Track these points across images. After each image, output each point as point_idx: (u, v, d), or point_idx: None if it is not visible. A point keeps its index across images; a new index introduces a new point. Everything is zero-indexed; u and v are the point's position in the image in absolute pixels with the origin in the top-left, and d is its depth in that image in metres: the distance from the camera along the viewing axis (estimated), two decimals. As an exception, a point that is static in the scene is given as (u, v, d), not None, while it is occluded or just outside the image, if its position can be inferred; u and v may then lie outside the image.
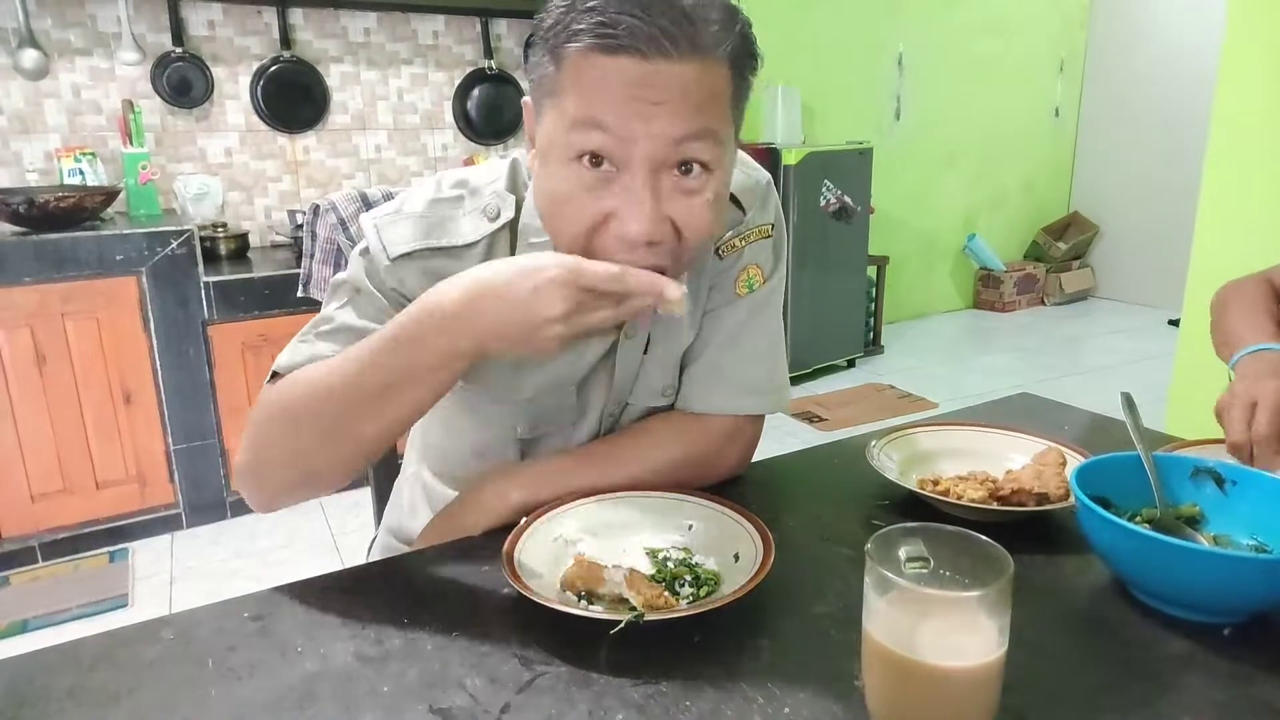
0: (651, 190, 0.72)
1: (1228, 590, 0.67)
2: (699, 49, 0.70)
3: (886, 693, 0.57)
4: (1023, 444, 0.98)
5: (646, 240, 0.72)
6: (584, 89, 0.70)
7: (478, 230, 0.86)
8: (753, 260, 0.96)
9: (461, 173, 0.90)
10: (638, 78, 0.69)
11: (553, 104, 0.74)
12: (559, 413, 0.95)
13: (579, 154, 0.72)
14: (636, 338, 0.93)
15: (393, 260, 0.84)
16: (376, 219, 0.86)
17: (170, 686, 0.64)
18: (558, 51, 0.72)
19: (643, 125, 0.70)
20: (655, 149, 0.71)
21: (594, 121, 0.70)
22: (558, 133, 0.73)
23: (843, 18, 4.35)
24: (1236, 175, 2.49)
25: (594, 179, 0.73)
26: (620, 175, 0.72)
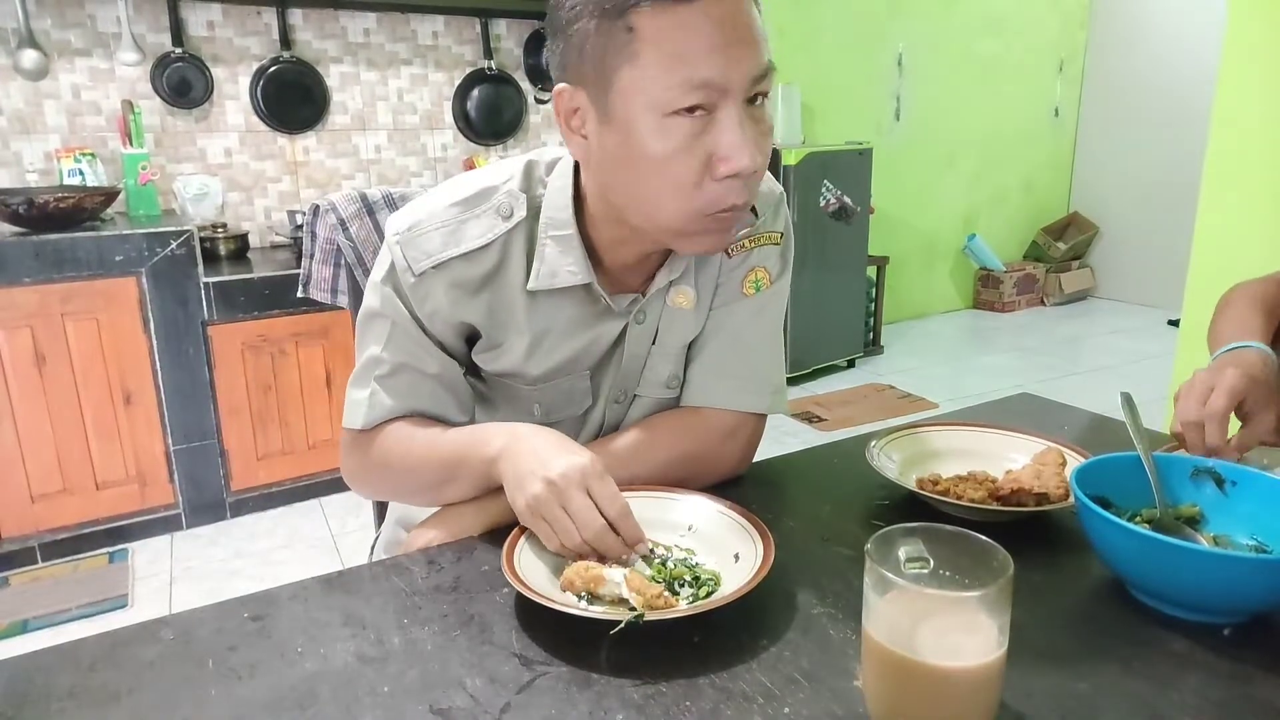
0: (749, 124, 0.76)
1: (1228, 590, 0.67)
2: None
3: (886, 693, 0.57)
4: (1023, 444, 0.98)
5: (755, 170, 0.76)
6: (674, 42, 0.72)
7: (492, 231, 0.88)
8: (760, 263, 0.98)
9: (474, 175, 0.92)
10: (721, 18, 0.72)
11: (629, 70, 0.74)
12: (573, 396, 0.97)
13: (680, 108, 0.74)
14: (645, 324, 0.95)
15: (419, 276, 0.87)
16: (399, 235, 0.88)
17: (170, 686, 0.64)
18: (624, 16, 0.72)
19: (735, 67, 0.73)
20: (745, 86, 0.75)
21: (695, 75, 0.72)
22: (647, 94, 0.74)
23: (843, 18, 4.35)
24: (1236, 175, 2.49)
25: (694, 126, 0.75)
26: (715, 117, 0.75)
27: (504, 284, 0.89)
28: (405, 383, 0.92)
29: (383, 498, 1.03)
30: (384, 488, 0.99)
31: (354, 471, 0.98)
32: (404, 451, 0.91)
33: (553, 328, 0.92)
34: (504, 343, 0.92)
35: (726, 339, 0.98)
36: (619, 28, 0.73)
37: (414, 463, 0.90)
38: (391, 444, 0.92)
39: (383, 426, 0.92)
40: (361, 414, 0.92)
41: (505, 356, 0.93)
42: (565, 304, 0.91)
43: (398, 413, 0.92)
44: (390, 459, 0.92)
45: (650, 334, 0.96)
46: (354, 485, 1.00)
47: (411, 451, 0.91)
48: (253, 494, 2.68)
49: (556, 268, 0.88)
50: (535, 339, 0.92)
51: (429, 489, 0.92)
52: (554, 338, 0.92)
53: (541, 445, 0.80)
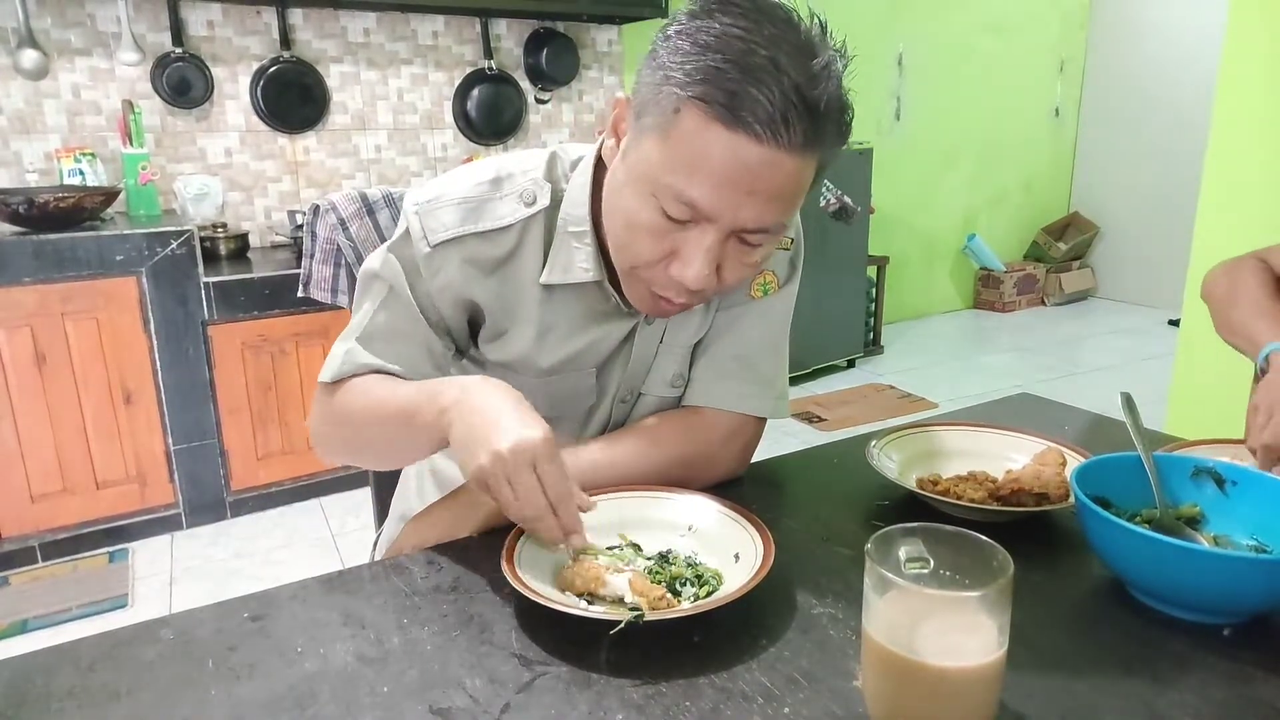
0: (716, 252, 0.77)
1: (1228, 590, 0.67)
2: (809, 144, 0.72)
3: (886, 693, 0.57)
4: (1023, 444, 0.98)
5: (699, 289, 0.78)
6: (692, 155, 0.72)
7: (514, 214, 0.88)
8: (769, 266, 0.98)
9: (499, 160, 0.92)
10: (745, 164, 0.71)
11: (658, 138, 0.74)
12: (578, 393, 0.97)
13: (665, 203, 0.75)
14: (655, 325, 0.96)
15: (434, 247, 0.87)
16: (419, 205, 0.89)
17: (170, 686, 0.64)
18: (679, 95, 0.71)
19: (731, 209, 0.73)
20: (735, 227, 0.75)
21: (687, 195, 0.73)
22: (654, 170, 0.75)
23: (843, 18, 4.30)
24: (1236, 175, 2.49)
25: (669, 225, 0.77)
26: (693, 228, 0.76)
27: (517, 271, 0.90)
28: (386, 345, 0.90)
29: (343, 457, 0.98)
30: (343, 445, 0.96)
31: (317, 428, 0.95)
32: (363, 404, 0.88)
33: (561, 322, 0.92)
34: (509, 331, 0.93)
35: (731, 341, 0.98)
36: (671, 98, 0.72)
37: (371, 415, 0.87)
38: (353, 395, 0.89)
39: (349, 380, 0.90)
40: (334, 367, 0.91)
41: (510, 346, 0.93)
42: (576, 300, 0.92)
43: (369, 370, 0.90)
44: (350, 411, 0.89)
45: (658, 334, 0.97)
46: (315, 444, 0.97)
47: (369, 402, 0.88)
48: (253, 494, 2.68)
49: (570, 263, 0.89)
50: (542, 332, 0.92)
51: (385, 444, 0.90)
52: (561, 332, 0.93)
53: (494, 408, 0.76)
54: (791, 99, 0.68)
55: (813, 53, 0.70)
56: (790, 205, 0.76)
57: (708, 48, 0.70)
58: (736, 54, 0.69)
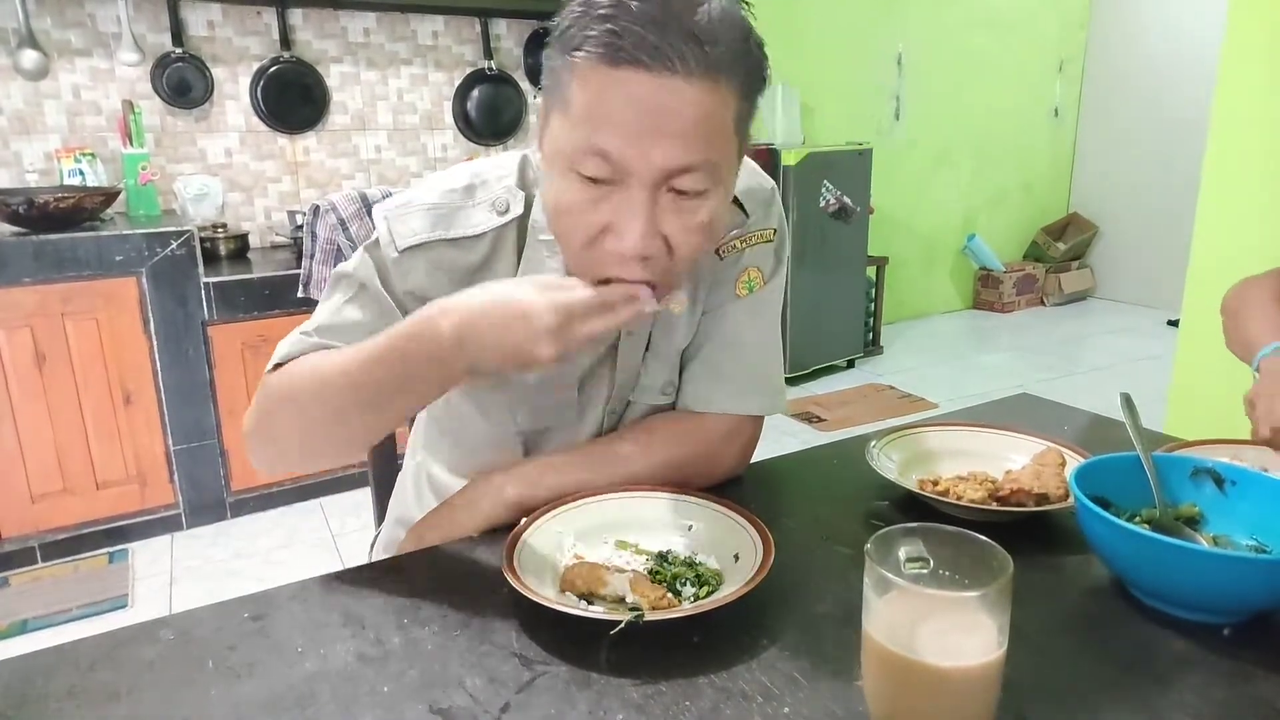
0: (647, 209, 0.72)
1: (1228, 590, 0.67)
2: (709, 69, 0.69)
3: (886, 693, 0.57)
4: (1022, 444, 0.98)
5: (639, 255, 0.73)
6: (588, 104, 0.70)
7: (486, 223, 0.87)
8: (753, 263, 0.96)
9: (473, 165, 0.91)
10: (640, 98, 0.68)
11: (560, 112, 0.73)
12: (560, 409, 0.95)
13: (581, 168, 0.72)
14: (637, 335, 0.94)
15: (401, 252, 0.85)
16: (388, 211, 0.87)
17: (170, 686, 0.64)
18: (567, 58, 0.71)
19: (642, 153, 0.70)
20: (654, 174, 0.71)
21: (593, 146, 0.70)
22: (562, 143, 0.73)
23: (842, 18, 4.35)
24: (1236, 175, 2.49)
25: (593, 193, 0.73)
26: (617, 190, 0.72)
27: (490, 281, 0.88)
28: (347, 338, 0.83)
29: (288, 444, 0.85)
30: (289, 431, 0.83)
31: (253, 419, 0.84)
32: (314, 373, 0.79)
33: None
34: None
35: (721, 342, 0.97)
36: (562, 66, 0.72)
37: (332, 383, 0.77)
38: (299, 368, 0.81)
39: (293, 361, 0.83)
40: (280, 353, 0.84)
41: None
42: None
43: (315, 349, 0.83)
44: (297, 385, 0.80)
45: (643, 342, 0.95)
46: (250, 440, 0.86)
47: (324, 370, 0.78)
48: (253, 494, 2.68)
49: (543, 270, 0.87)
50: None
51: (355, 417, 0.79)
52: None
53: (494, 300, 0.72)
54: (674, 26, 0.67)
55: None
56: (710, 140, 0.71)
57: (586, 10, 0.70)
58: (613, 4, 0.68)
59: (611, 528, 0.83)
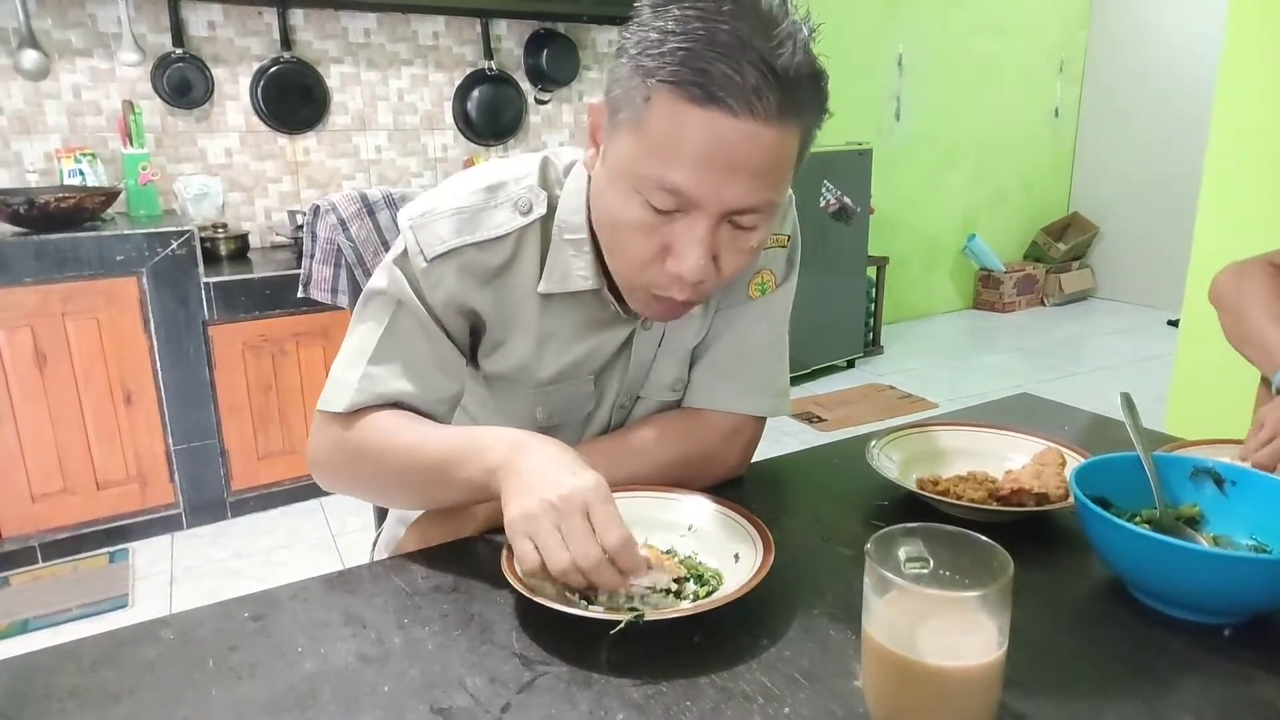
0: (709, 240, 0.75)
1: (1228, 590, 0.67)
2: (787, 114, 0.70)
3: (886, 693, 0.57)
4: (1023, 444, 0.98)
5: (697, 281, 0.76)
6: (666, 137, 0.71)
7: (509, 223, 0.87)
8: (766, 265, 0.98)
9: (492, 167, 0.91)
10: (722, 140, 0.69)
11: (632, 131, 0.73)
12: (576, 400, 0.97)
13: (650, 197, 0.73)
14: (653, 330, 0.95)
15: (430, 261, 0.85)
16: (413, 220, 0.87)
17: (170, 686, 0.64)
18: (648, 83, 0.71)
19: (715, 192, 0.72)
20: (722, 211, 0.73)
21: (669, 182, 0.72)
22: (631, 164, 0.74)
23: (843, 18, 4.35)
24: (1236, 175, 2.49)
25: (657, 218, 0.75)
26: (681, 218, 0.74)
27: (514, 281, 0.89)
28: (400, 369, 0.86)
29: (352, 492, 0.93)
30: (357, 481, 0.90)
31: (325, 459, 0.89)
32: (387, 444, 0.84)
33: (560, 331, 0.91)
34: (507, 342, 0.92)
35: (730, 341, 0.98)
36: (640, 87, 0.72)
37: (399, 459, 0.83)
38: (373, 433, 0.85)
39: (365, 413, 0.86)
40: (347, 397, 0.86)
41: (508, 357, 0.92)
42: (574, 308, 0.91)
43: (386, 399, 0.86)
44: (370, 449, 0.85)
45: (657, 338, 0.96)
46: (321, 474, 0.91)
47: (397, 445, 0.83)
48: (253, 494, 2.68)
49: (568, 271, 0.88)
50: (541, 341, 0.91)
51: (412, 489, 0.86)
52: (560, 341, 0.92)
53: (548, 462, 0.73)
54: (760, 68, 0.68)
55: (775, 22, 0.70)
56: (776, 181, 0.74)
57: (670, 33, 0.70)
58: (698, 33, 0.69)
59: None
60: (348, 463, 0.88)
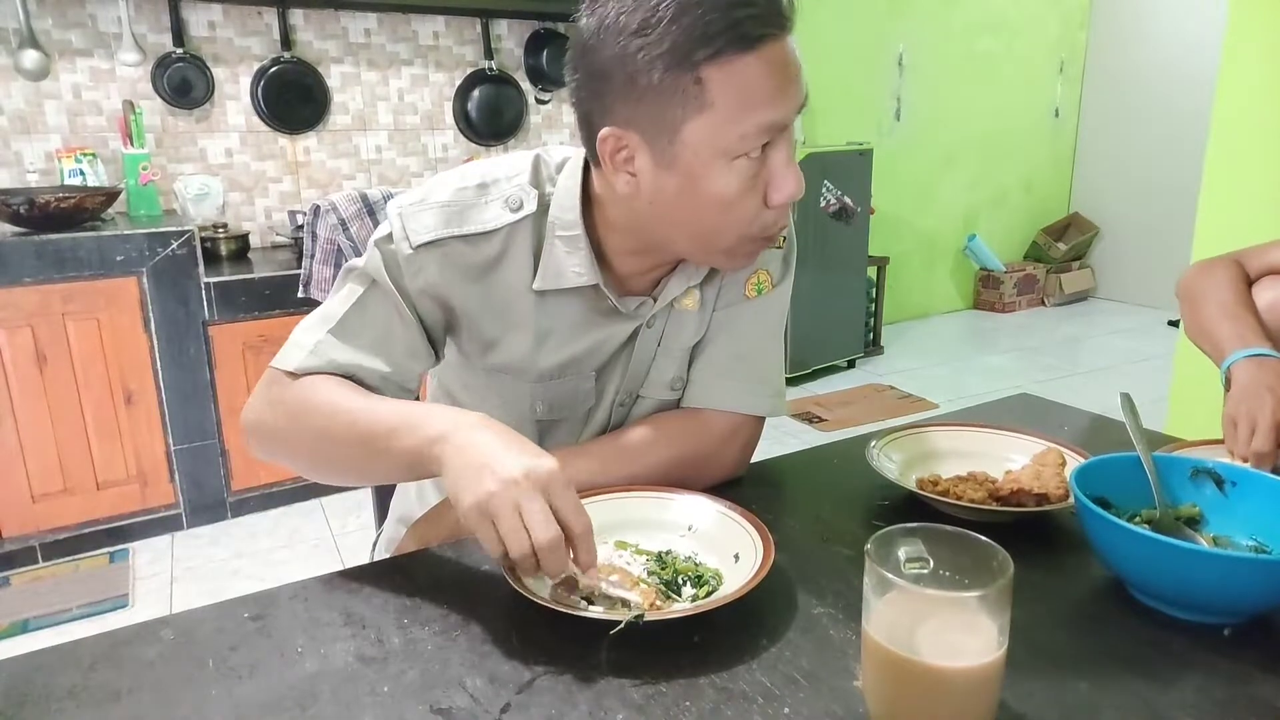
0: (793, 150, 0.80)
1: (1228, 590, 0.67)
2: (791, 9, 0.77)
3: (886, 693, 0.57)
4: (1022, 444, 0.98)
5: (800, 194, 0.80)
6: (744, 92, 0.74)
7: (498, 220, 0.87)
8: (763, 266, 0.98)
9: (484, 164, 0.91)
10: (780, 61, 0.75)
11: (697, 116, 0.75)
12: (576, 396, 0.97)
13: (752, 149, 0.77)
14: (655, 328, 0.96)
15: (415, 249, 0.86)
16: (402, 207, 0.88)
17: (170, 686, 0.64)
18: (694, 70, 0.73)
19: (793, 104, 0.77)
20: (794, 119, 0.79)
21: (768, 121, 0.75)
22: (717, 140, 0.76)
23: (843, 18, 4.34)
24: (1237, 175, 2.49)
25: (754, 165, 0.78)
26: (769, 150, 0.78)
27: (504, 278, 0.89)
28: (359, 344, 0.86)
29: (283, 455, 0.88)
30: (289, 443, 0.86)
31: (261, 418, 0.87)
32: (328, 406, 0.81)
33: (558, 327, 0.92)
34: (502, 338, 0.92)
35: (728, 341, 0.98)
36: (687, 80, 0.73)
37: (338, 422, 0.81)
38: (315, 394, 0.83)
39: (312, 376, 0.85)
40: (299, 357, 0.85)
41: (506, 352, 0.93)
42: (572, 304, 0.91)
43: (337, 369, 0.85)
44: (309, 409, 0.82)
45: (658, 337, 0.97)
46: (256, 434, 0.88)
47: (338, 409, 0.81)
48: (253, 494, 2.68)
49: (563, 267, 0.88)
50: (540, 337, 0.92)
51: (346, 457, 0.83)
52: (559, 337, 0.92)
53: (496, 440, 0.71)
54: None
55: None
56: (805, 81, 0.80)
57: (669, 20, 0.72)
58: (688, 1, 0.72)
59: (611, 528, 0.83)
60: (284, 422, 0.85)
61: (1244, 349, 1.07)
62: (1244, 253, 1.25)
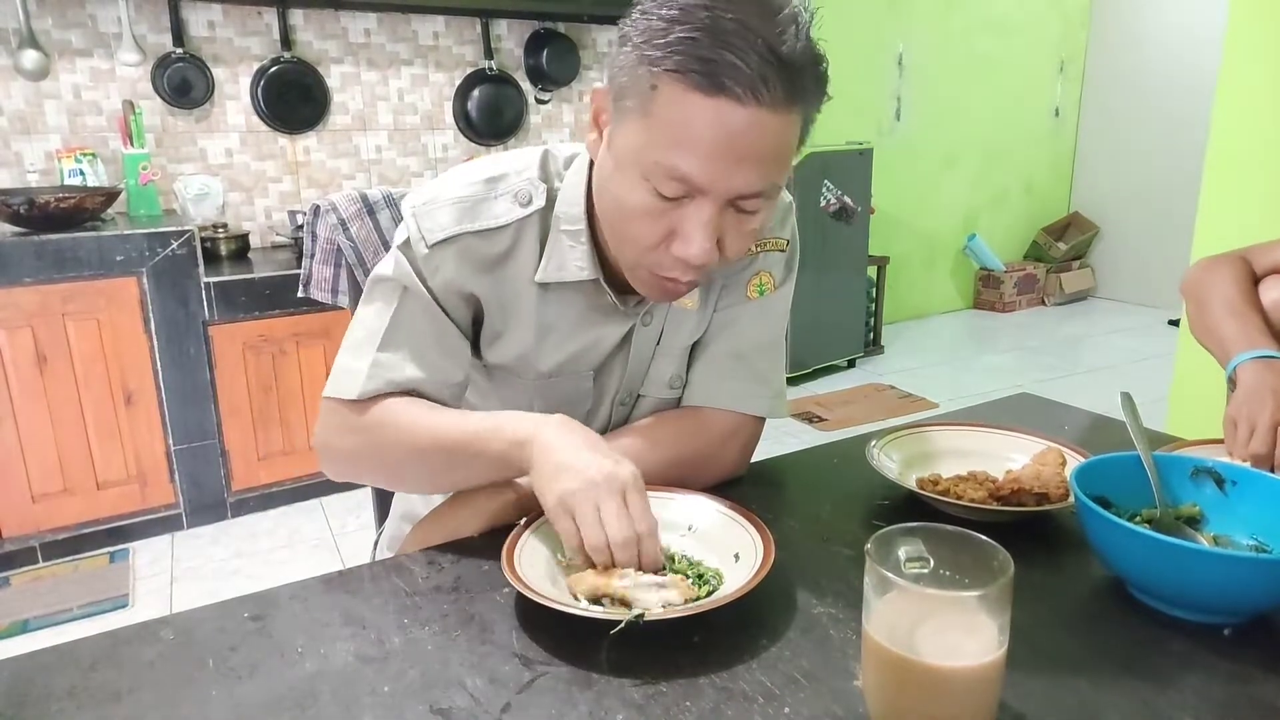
0: (715, 224, 0.76)
1: (1228, 590, 0.67)
2: (792, 100, 0.72)
3: (886, 693, 0.57)
4: (1023, 444, 0.98)
5: (702, 264, 0.77)
6: (674, 125, 0.72)
7: (509, 214, 0.88)
8: (766, 268, 0.99)
9: (493, 159, 0.92)
10: (729, 128, 0.70)
11: (639, 119, 0.74)
12: (575, 396, 0.97)
13: (659, 184, 0.74)
14: (651, 326, 0.96)
15: (431, 247, 0.87)
16: (415, 207, 0.89)
17: (170, 686, 0.64)
18: (655, 71, 0.72)
19: (724, 178, 0.73)
20: (729, 196, 0.75)
21: (678, 170, 0.73)
22: (639, 152, 0.75)
23: (843, 18, 4.34)
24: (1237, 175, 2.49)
25: (664, 204, 0.76)
26: (687, 203, 0.76)
27: (513, 271, 0.90)
28: (408, 355, 0.88)
29: (365, 477, 0.94)
30: (373, 466, 0.90)
31: (338, 445, 0.90)
32: (408, 426, 0.85)
33: (559, 323, 0.92)
34: (506, 332, 0.93)
35: (729, 341, 0.99)
36: (646, 75, 0.73)
37: (422, 440, 0.84)
38: (391, 417, 0.86)
39: (379, 399, 0.87)
40: (358, 383, 0.86)
41: (509, 348, 0.93)
42: (572, 300, 0.92)
43: (397, 386, 0.87)
44: (389, 433, 0.86)
45: (655, 335, 0.97)
46: (333, 462, 0.91)
47: (418, 428, 0.84)
48: (253, 494, 2.68)
49: (565, 261, 0.89)
50: (541, 332, 0.92)
51: (434, 470, 0.87)
52: (559, 333, 0.93)
53: (581, 443, 0.78)
54: (766, 56, 0.69)
55: (777, 8, 0.71)
56: (780, 165, 0.76)
57: (674, 21, 0.71)
58: (703, 21, 0.69)
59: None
60: (364, 448, 0.88)
61: (1250, 349, 1.07)
62: (1250, 250, 1.25)
